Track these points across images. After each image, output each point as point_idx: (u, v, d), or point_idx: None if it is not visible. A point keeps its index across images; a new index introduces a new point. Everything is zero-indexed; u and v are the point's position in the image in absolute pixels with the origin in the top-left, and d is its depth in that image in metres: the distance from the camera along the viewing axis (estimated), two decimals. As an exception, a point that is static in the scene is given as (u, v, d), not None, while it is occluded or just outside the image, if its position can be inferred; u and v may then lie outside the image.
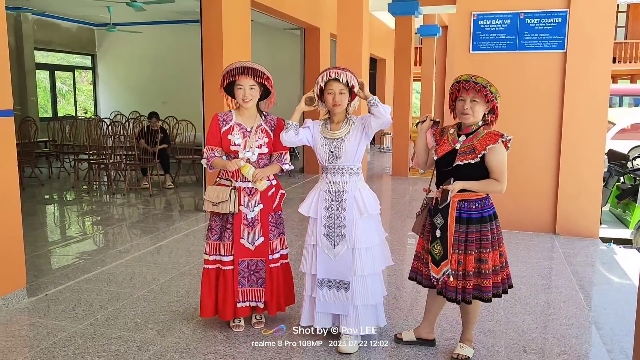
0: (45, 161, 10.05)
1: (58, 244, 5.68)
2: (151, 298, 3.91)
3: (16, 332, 3.39)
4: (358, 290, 3.08)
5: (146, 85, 13.66)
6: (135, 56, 13.76)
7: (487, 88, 2.81)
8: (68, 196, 8.40)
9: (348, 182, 3.11)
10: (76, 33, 13.66)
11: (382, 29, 15.39)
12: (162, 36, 13.31)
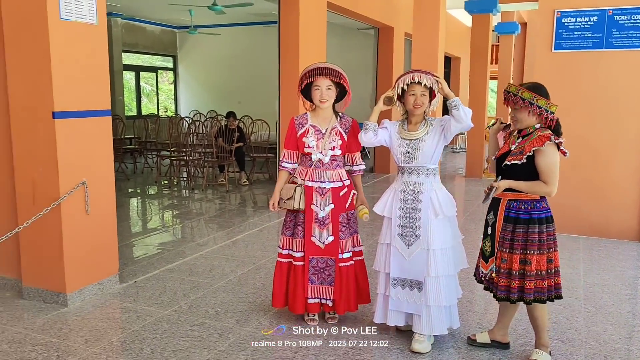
0: (130, 157, 10.66)
1: (143, 234, 6.04)
2: (230, 289, 4.10)
3: (110, 314, 3.66)
4: (431, 291, 3.10)
5: (223, 85, 14.15)
6: (214, 57, 14.29)
7: (518, 96, 2.86)
8: (150, 190, 8.88)
9: (424, 183, 3.13)
10: (159, 36, 14.37)
11: (458, 27, 15.11)
12: (239, 38, 13.74)
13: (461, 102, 3.05)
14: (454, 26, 14.41)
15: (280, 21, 6.61)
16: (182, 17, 12.50)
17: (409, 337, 3.25)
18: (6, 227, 3.85)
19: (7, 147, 3.83)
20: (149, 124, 11.56)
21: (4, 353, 3.07)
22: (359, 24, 10.36)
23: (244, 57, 13.65)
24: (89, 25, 3.72)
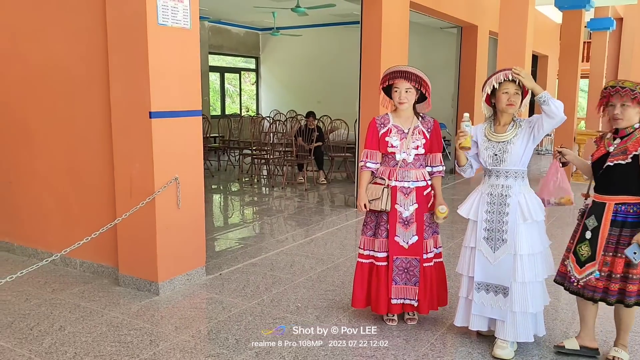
0: (214, 155, 11.10)
1: (226, 229, 6.29)
2: (309, 285, 4.19)
3: (197, 304, 3.86)
4: (517, 296, 3.02)
5: (303, 86, 14.39)
6: (295, 58, 14.56)
7: (636, 91, 2.77)
8: (233, 187, 9.21)
9: (512, 187, 3.06)
10: (243, 38, 14.84)
11: (546, 24, 14.48)
12: (320, 38, 13.92)
13: (550, 95, 2.95)
14: (541, 23, 13.81)
15: (362, 21, 6.65)
16: (266, 19, 12.84)
17: (490, 342, 3.18)
18: (106, 219, 4.15)
19: (108, 145, 4.13)
20: (232, 123, 11.98)
21: (104, 335, 3.32)
22: (441, 23, 10.20)
23: (325, 57, 13.81)
24: (183, 29, 3.93)
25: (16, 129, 4.78)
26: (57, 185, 4.60)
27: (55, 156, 4.55)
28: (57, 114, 4.46)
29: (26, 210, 4.86)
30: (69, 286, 4.17)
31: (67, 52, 4.31)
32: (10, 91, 4.76)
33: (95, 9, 4.02)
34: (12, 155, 4.87)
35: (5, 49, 4.71)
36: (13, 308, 3.74)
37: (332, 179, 9.48)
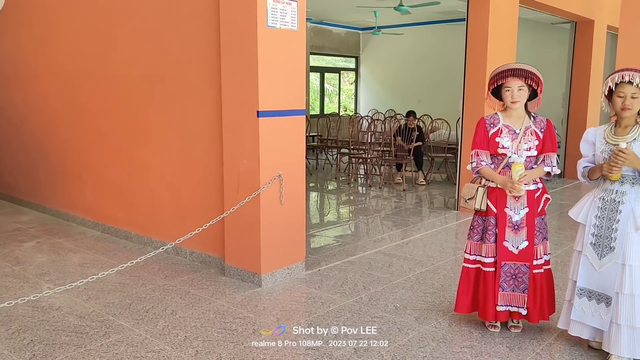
0: (312, 153, 11.31)
1: (323, 227, 6.39)
2: (408, 286, 4.16)
3: (297, 297, 3.97)
4: (624, 309, 2.84)
5: (403, 85, 14.25)
6: (395, 57, 14.46)
7: None
8: (330, 185, 9.34)
9: (627, 193, 2.86)
10: (344, 38, 14.97)
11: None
12: (421, 36, 13.71)
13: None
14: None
15: (468, 19, 6.47)
16: (367, 19, 12.87)
17: (602, 356, 2.99)
18: (214, 212, 4.38)
19: (218, 142, 4.35)
20: (331, 123, 12.15)
21: (211, 321, 3.51)
22: (553, 18, 9.65)
23: (426, 56, 13.59)
24: (290, 31, 4.05)
25: (137, 125, 5.18)
26: (171, 179, 4.92)
27: (170, 152, 4.88)
28: (173, 113, 4.77)
29: (143, 202, 5.25)
30: (179, 274, 4.45)
31: (182, 55, 4.60)
32: (133, 91, 5.16)
33: (209, 14, 4.26)
34: (133, 150, 5.27)
35: (130, 53, 5.11)
36: (131, 291, 4.06)
37: (432, 180, 9.32)
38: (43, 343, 3.21)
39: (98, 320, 3.54)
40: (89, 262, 4.81)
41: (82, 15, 5.60)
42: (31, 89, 6.61)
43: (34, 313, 3.64)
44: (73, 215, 6.19)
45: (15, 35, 6.70)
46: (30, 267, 4.65)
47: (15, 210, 6.94)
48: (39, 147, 6.63)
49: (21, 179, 7.12)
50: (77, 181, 6.07)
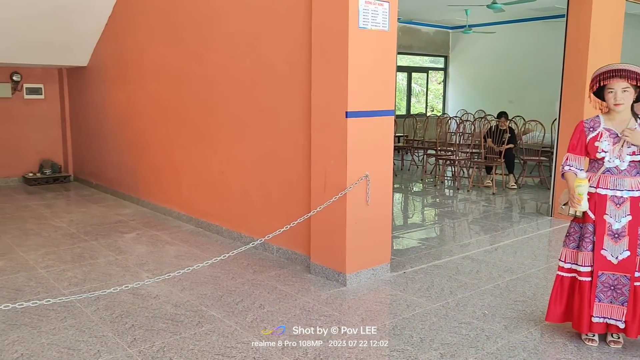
0: (398, 154, 11.21)
1: (408, 229, 6.32)
2: (497, 293, 4.02)
3: (382, 299, 3.97)
4: None
5: (493, 84, 13.77)
6: (486, 56, 13.99)
7: None
8: (415, 187, 9.22)
9: None
10: (433, 37, 14.70)
11: None
12: (515, 35, 13.17)
13: None
14: None
15: (568, 15, 6.13)
16: (457, 17, 12.56)
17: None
18: (301, 210, 4.47)
19: (307, 142, 4.44)
20: (417, 123, 11.98)
21: (297, 317, 3.59)
22: (663, 13, 8.93)
23: (519, 54, 13.03)
24: (381, 32, 4.05)
25: (229, 125, 5.39)
26: (260, 177, 5.08)
27: (260, 151, 5.03)
28: (263, 113, 4.92)
29: (234, 199, 5.46)
30: (267, 269, 4.59)
31: (273, 57, 4.73)
32: (226, 92, 5.38)
33: (301, 16, 4.35)
34: (225, 148, 5.50)
35: (224, 55, 5.34)
36: (222, 284, 4.24)
37: (523, 184, 8.94)
38: (142, 328, 3.43)
39: (192, 309, 3.73)
40: (184, 254, 5.07)
41: (182, 19, 5.91)
42: (135, 89, 7.08)
43: (135, 300, 3.90)
44: (169, 210, 6.55)
45: (122, 39, 7.19)
46: (131, 257, 4.98)
47: (117, 204, 7.46)
48: (141, 144, 7.08)
49: (124, 175, 7.64)
50: (174, 177, 6.42)
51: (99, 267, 4.70)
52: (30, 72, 9.03)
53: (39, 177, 9.06)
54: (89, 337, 3.31)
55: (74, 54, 7.99)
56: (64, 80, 9.26)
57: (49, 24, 6.98)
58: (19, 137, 9.06)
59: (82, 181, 9.12)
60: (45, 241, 5.53)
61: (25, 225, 6.21)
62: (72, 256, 5.03)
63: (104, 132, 8.10)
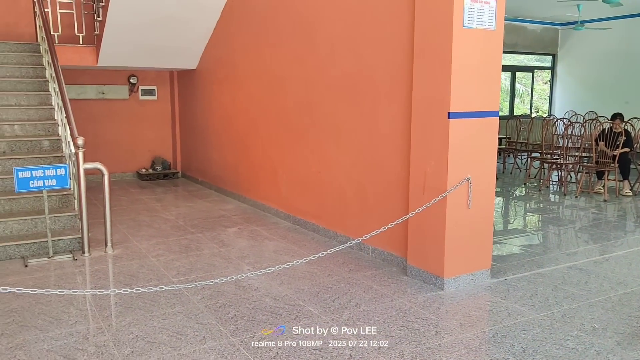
0: (500, 156, 10.79)
1: (509, 234, 6.07)
2: (609, 307, 3.76)
3: (482, 305, 3.85)
4: None
5: (607, 84, 12.84)
6: (600, 53, 13.07)
7: None
8: (517, 191, 8.82)
9: None
10: (540, 34, 13.99)
11: None
12: (633, 30, 12.20)
13: None
14: None
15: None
16: (568, 13, 11.86)
17: None
18: (399, 212, 4.46)
19: (406, 143, 4.41)
20: (521, 125, 11.46)
21: (394, 318, 3.58)
22: None
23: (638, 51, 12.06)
24: (487, 31, 3.93)
25: (328, 125, 5.48)
26: (357, 177, 5.12)
27: (357, 151, 5.07)
28: (362, 113, 4.95)
29: (331, 198, 5.54)
30: (362, 269, 4.62)
31: (374, 57, 4.75)
32: (325, 93, 5.47)
33: (403, 17, 4.33)
34: (323, 148, 5.60)
35: (325, 57, 5.43)
36: (319, 280, 4.32)
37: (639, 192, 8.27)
38: (244, 318, 3.59)
39: (290, 304, 3.84)
40: (282, 249, 5.23)
41: (284, 23, 6.10)
42: (239, 91, 7.40)
43: (237, 291, 4.08)
44: (268, 207, 6.78)
45: (228, 43, 7.55)
46: (233, 250, 5.22)
47: (221, 199, 7.84)
48: (243, 143, 7.39)
49: (227, 172, 8.01)
50: (273, 176, 6.64)
51: (204, 258, 4.97)
52: (145, 74, 9.72)
53: (151, 173, 9.74)
54: (195, 323, 3.52)
55: (185, 57, 8.50)
56: (174, 82, 9.88)
57: (163, 30, 7.48)
58: (134, 136, 9.80)
59: (189, 178, 9.68)
60: (156, 232, 5.94)
61: (138, 216, 6.71)
62: (180, 247, 5.36)
63: (209, 132, 8.55)
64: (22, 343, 3.25)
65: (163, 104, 10.03)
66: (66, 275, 4.55)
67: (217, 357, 3.06)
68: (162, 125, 10.09)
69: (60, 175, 4.82)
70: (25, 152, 6.08)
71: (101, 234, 5.37)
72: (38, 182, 4.73)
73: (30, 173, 4.70)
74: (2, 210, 5.34)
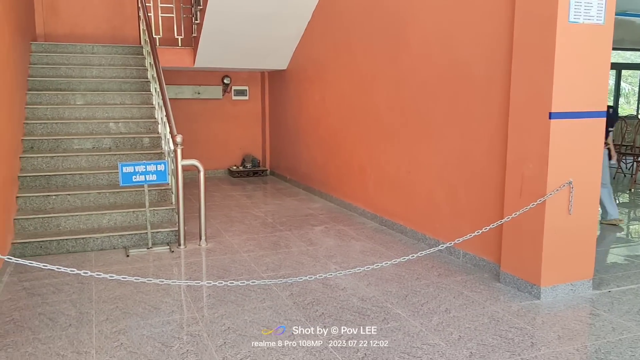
0: (601, 160, 10.09)
1: (614, 243, 5.65)
2: None
3: (582, 318, 3.61)
4: None
5: None
6: None
7: None
8: (622, 198, 8.21)
9: None
10: (649, 29, 12.94)
11: None
12: None
13: None
14: None
15: None
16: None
17: None
18: (492, 215, 4.29)
19: (502, 144, 4.23)
20: (627, 126, 10.67)
21: (485, 326, 3.45)
22: None
23: None
24: (594, 26, 3.68)
25: (419, 124, 5.37)
26: (448, 178, 4.98)
27: (449, 151, 4.93)
28: (456, 112, 4.81)
29: (420, 199, 5.44)
30: (452, 273, 4.49)
31: (469, 55, 4.59)
32: (417, 91, 5.37)
33: (501, 12, 4.16)
34: (413, 148, 5.50)
35: (418, 55, 5.33)
36: (407, 283, 4.25)
37: None
38: (332, 317, 3.60)
39: (377, 305, 3.80)
40: (369, 250, 5.20)
41: (376, 21, 6.06)
42: (329, 89, 7.45)
43: (324, 289, 4.10)
44: (355, 206, 6.78)
45: (319, 43, 7.62)
46: (320, 249, 5.26)
47: (308, 198, 7.94)
48: (331, 142, 7.44)
49: (315, 171, 8.10)
50: (361, 175, 6.62)
51: (293, 255, 5.05)
52: (237, 75, 10.06)
53: (241, 170, 10.06)
54: (284, 319, 3.57)
55: (276, 58, 8.69)
56: (265, 83, 10.14)
57: (257, 32, 7.69)
58: (226, 134, 10.17)
59: (278, 175, 9.90)
60: (247, 228, 6.12)
61: (230, 212, 6.94)
62: (269, 243, 5.48)
63: (298, 131, 8.68)
64: (125, 329, 3.46)
65: (254, 104, 10.33)
66: (164, 266, 4.79)
67: (305, 354, 3.09)
68: (252, 124, 10.39)
69: (160, 171, 5.09)
70: (128, 148, 6.48)
71: (195, 228, 5.61)
72: (140, 177, 5.02)
73: (134, 168, 4.99)
74: (107, 202, 5.73)
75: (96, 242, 5.20)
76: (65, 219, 5.34)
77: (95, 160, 6.16)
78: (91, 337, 3.33)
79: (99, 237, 5.21)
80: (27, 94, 6.65)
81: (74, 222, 5.36)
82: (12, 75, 5.61)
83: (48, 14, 8.69)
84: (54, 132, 6.40)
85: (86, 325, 3.49)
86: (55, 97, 6.82)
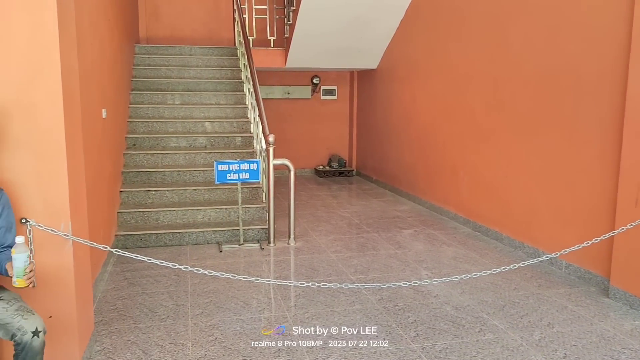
0: None
1: None
2: None
3: None
4: None
5: None
6: None
7: None
8: None
9: None
10: None
11: None
12: None
13: None
14: None
15: None
16: None
17: None
18: (601, 226, 3.96)
19: (614, 149, 3.89)
20: None
21: (594, 345, 3.18)
22: None
23: None
24: None
25: (518, 125, 5.09)
26: (550, 184, 4.67)
27: (552, 155, 4.62)
28: (562, 113, 4.50)
29: (518, 205, 5.15)
30: (554, 285, 4.20)
31: (577, 52, 4.28)
32: (517, 90, 5.09)
33: (616, 5, 3.83)
34: (512, 150, 5.21)
35: (518, 53, 5.05)
36: (504, 293, 4.03)
37: None
38: (424, 325, 3.47)
39: (472, 315, 3.63)
40: (461, 257, 4.99)
41: (474, 18, 5.82)
42: (420, 89, 7.27)
43: (416, 296, 3.98)
44: (446, 210, 6.56)
45: (412, 41, 7.46)
46: (409, 253, 5.13)
47: (395, 200, 7.80)
48: (421, 143, 7.25)
49: (402, 172, 7.94)
50: (453, 178, 6.39)
51: (381, 258, 4.95)
52: (326, 75, 10.09)
53: (327, 170, 10.08)
54: (375, 324, 3.49)
55: (366, 57, 8.61)
56: (354, 82, 10.09)
57: (348, 32, 7.65)
58: (313, 134, 10.23)
59: (363, 176, 9.82)
60: (333, 228, 6.09)
61: (317, 212, 6.96)
62: (357, 245, 5.42)
63: (386, 131, 8.56)
64: (218, 323, 3.53)
65: (342, 104, 10.31)
66: (254, 262, 4.87)
67: None
68: (340, 124, 10.38)
69: (253, 170, 5.18)
70: (222, 147, 6.67)
71: (284, 226, 5.66)
72: (234, 175, 5.13)
73: (228, 166, 5.11)
74: (202, 199, 5.92)
75: (191, 236, 5.38)
76: (164, 214, 5.57)
77: (191, 158, 6.39)
78: (187, 329, 3.42)
79: (194, 232, 5.39)
80: (130, 94, 7.02)
81: (171, 216, 5.59)
82: (120, 76, 5.94)
83: (150, 19, 9.15)
84: (154, 131, 6.71)
85: (182, 318, 3.60)
86: (155, 97, 7.16)
